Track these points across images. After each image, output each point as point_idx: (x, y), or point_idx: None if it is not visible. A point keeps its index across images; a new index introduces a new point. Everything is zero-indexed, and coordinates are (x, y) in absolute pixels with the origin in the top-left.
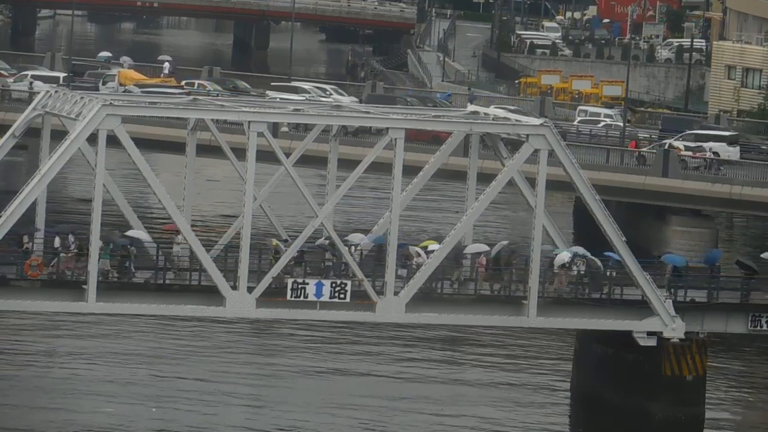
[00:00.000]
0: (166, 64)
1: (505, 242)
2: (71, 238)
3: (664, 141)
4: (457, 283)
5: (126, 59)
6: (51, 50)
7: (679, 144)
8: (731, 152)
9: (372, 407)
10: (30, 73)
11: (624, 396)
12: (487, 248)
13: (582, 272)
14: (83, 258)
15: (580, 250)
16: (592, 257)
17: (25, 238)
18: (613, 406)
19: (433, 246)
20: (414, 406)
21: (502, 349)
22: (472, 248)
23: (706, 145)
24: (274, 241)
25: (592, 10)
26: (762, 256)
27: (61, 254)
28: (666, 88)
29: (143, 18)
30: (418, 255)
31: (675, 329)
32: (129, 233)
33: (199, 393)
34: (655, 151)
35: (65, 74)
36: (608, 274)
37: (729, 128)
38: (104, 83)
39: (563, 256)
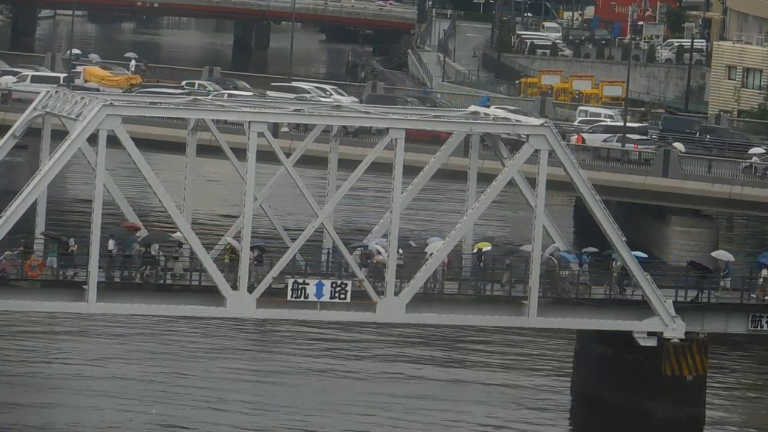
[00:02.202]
0: (133, 62)
1: (555, 245)
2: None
3: (611, 135)
4: (508, 285)
5: (94, 56)
6: (51, 50)
7: (678, 144)
8: None
9: (371, 407)
10: (31, 73)
11: (624, 396)
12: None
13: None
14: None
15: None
16: (556, 257)
17: (71, 241)
18: (613, 406)
19: (487, 248)
20: (413, 405)
21: (502, 349)
22: (434, 247)
23: None
24: (230, 242)
25: (589, 11)
26: (713, 254)
27: (6, 252)
28: (666, 88)
29: (143, 18)
30: (378, 253)
31: (675, 329)
32: (176, 235)
33: (200, 393)
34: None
35: (65, 74)
36: (561, 273)
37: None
38: None
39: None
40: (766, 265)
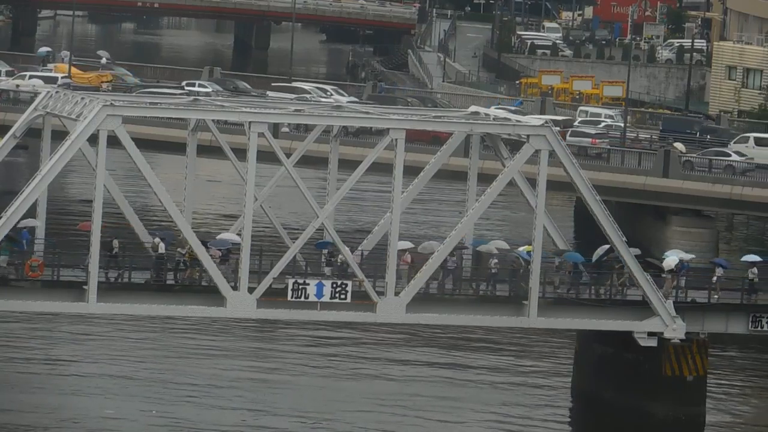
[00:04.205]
0: (104, 60)
1: (606, 246)
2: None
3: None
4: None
5: (65, 53)
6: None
7: (678, 144)
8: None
9: (371, 408)
10: (30, 74)
11: (624, 396)
12: (411, 245)
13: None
14: None
15: (501, 243)
16: (515, 253)
17: (115, 243)
18: (614, 406)
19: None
20: (414, 406)
21: (503, 349)
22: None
23: None
24: (189, 244)
25: (587, 12)
26: (665, 255)
27: None
28: (666, 88)
29: (144, 18)
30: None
31: (675, 330)
32: (221, 237)
33: (200, 394)
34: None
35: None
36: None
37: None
38: None
39: (671, 260)
40: (721, 265)
